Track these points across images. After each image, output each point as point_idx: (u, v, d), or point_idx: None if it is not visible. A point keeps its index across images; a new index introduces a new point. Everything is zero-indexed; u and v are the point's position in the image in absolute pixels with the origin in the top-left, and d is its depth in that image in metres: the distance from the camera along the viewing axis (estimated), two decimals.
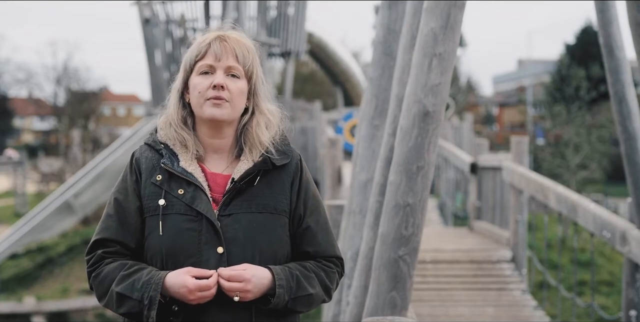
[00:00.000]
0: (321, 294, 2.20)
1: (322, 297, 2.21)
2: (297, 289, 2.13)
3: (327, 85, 40.47)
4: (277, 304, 2.09)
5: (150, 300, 2.03)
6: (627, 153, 5.28)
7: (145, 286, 2.05)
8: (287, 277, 2.12)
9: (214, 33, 2.22)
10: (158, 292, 2.03)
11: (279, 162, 2.21)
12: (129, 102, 65.63)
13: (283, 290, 2.09)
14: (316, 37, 28.85)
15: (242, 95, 2.21)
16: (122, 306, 2.07)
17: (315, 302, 2.19)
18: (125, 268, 2.10)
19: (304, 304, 2.16)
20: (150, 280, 2.05)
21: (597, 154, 19.33)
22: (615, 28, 5.29)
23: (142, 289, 2.04)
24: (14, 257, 20.57)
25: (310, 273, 2.18)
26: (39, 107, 51.18)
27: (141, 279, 2.06)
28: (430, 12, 3.40)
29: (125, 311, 2.08)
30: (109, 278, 2.10)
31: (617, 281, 13.19)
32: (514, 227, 8.31)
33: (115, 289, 2.08)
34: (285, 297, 2.10)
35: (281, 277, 2.11)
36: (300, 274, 2.16)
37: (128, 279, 2.07)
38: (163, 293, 2.05)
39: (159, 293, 2.03)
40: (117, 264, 2.12)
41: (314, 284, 2.17)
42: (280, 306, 2.10)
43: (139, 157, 2.22)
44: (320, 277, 2.20)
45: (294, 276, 2.14)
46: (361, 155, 4.68)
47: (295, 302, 2.13)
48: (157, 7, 24.43)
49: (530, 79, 45.31)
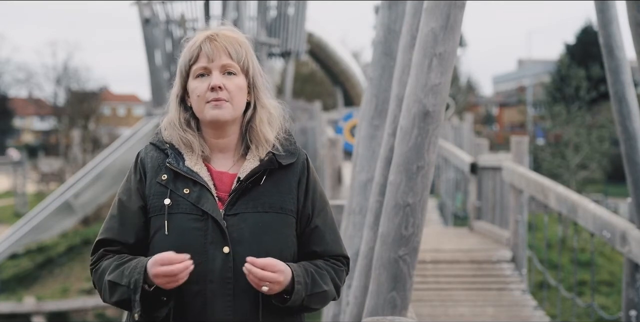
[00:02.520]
0: (333, 292, 2.20)
1: (333, 294, 2.21)
2: (313, 286, 2.13)
3: (327, 85, 40.45)
4: (294, 300, 2.08)
5: (135, 283, 2.03)
6: (627, 153, 5.28)
7: (132, 271, 2.05)
8: (303, 274, 2.11)
9: (203, 34, 2.21)
10: (141, 275, 2.02)
11: (285, 162, 2.20)
12: (129, 102, 65.62)
13: (301, 286, 2.09)
14: (316, 37, 28.85)
15: (241, 92, 2.19)
16: (114, 294, 2.08)
17: (328, 300, 2.19)
18: (119, 259, 2.12)
19: (318, 301, 2.15)
20: (136, 265, 2.06)
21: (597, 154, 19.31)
22: (615, 28, 5.29)
23: (129, 275, 2.05)
24: (14, 257, 20.56)
25: (323, 271, 2.18)
26: (39, 107, 51.17)
27: (130, 266, 2.07)
28: (430, 12, 3.40)
29: (117, 299, 2.08)
30: (105, 271, 2.12)
31: (617, 281, 13.19)
32: (514, 227, 8.31)
33: (107, 278, 2.09)
34: (303, 293, 2.09)
35: (299, 273, 2.10)
36: (315, 271, 2.16)
37: (119, 268, 2.08)
38: (149, 280, 2.03)
39: (142, 276, 2.02)
40: (114, 257, 2.14)
41: (327, 281, 2.18)
42: (297, 303, 2.09)
43: (144, 157, 2.22)
44: (331, 275, 2.20)
45: (309, 272, 2.14)
46: (361, 155, 4.68)
47: (311, 299, 2.12)
48: (157, 7, 24.42)
49: (530, 79, 45.31)
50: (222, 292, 2.08)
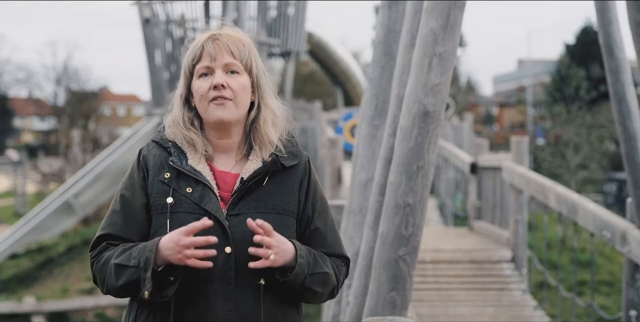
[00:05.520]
0: (334, 278, 2.19)
1: (334, 282, 2.20)
2: (315, 266, 2.13)
3: (327, 85, 40.44)
4: (297, 275, 2.08)
5: (146, 261, 2.02)
6: (627, 153, 5.28)
7: (141, 251, 2.05)
8: (306, 253, 2.12)
9: (206, 34, 2.22)
10: (153, 253, 2.02)
11: (287, 163, 2.21)
12: (129, 102, 65.59)
13: (303, 261, 2.09)
14: (316, 37, 28.84)
15: (245, 91, 2.19)
16: (121, 277, 2.06)
17: (329, 284, 2.18)
18: (124, 245, 2.11)
19: (320, 282, 2.15)
20: (146, 245, 2.06)
21: (597, 154, 19.32)
22: (615, 28, 5.29)
23: (138, 255, 2.04)
24: (14, 257, 20.54)
25: (324, 256, 2.20)
26: (39, 107, 51.18)
27: (138, 248, 2.07)
28: (430, 12, 3.40)
29: (124, 281, 2.06)
30: (110, 258, 2.10)
31: (617, 281, 13.19)
32: (514, 227, 8.30)
33: (113, 261, 2.08)
34: (305, 269, 2.09)
35: (302, 248, 2.11)
36: (317, 254, 2.17)
37: (127, 251, 2.08)
38: (159, 260, 2.03)
39: (153, 254, 2.02)
40: (119, 246, 2.13)
41: (328, 265, 2.19)
42: (299, 279, 2.09)
43: (146, 155, 2.22)
44: (332, 264, 2.21)
45: (311, 252, 2.15)
46: (361, 155, 4.68)
47: (313, 278, 2.12)
48: (157, 7, 24.41)
49: (530, 79, 45.31)
50: (223, 292, 2.08)
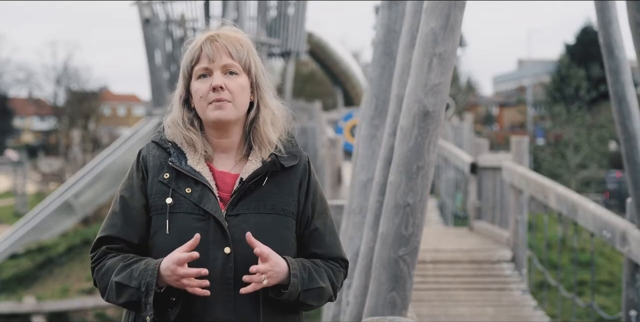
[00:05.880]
0: (329, 290, 2.19)
1: (330, 293, 2.20)
2: (309, 281, 2.12)
3: (327, 85, 40.44)
4: (290, 294, 2.08)
5: (147, 286, 2.02)
6: (627, 153, 5.27)
7: (142, 273, 2.04)
8: (300, 269, 2.11)
9: (204, 35, 2.21)
10: (154, 278, 2.02)
11: (287, 164, 2.20)
12: (129, 102, 65.58)
13: (297, 279, 2.08)
14: (316, 37, 28.84)
15: (244, 92, 2.19)
16: (122, 296, 2.07)
17: (324, 297, 2.19)
18: (126, 259, 2.10)
19: (314, 297, 2.14)
20: (147, 267, 2.05)
21: (597, 154, 19.32)
22: (615, 28, 5.29)
23: (139, 277, 2.04)
24: (14, 257, 20.54)
25: (320, 268, 2.18)
26: (39, 107, 51.17)
27: (139, 267, 2.06)
28: (430, 12, 3.40)
29: (125, 301, 2.07)
30: (110, 270, 2.10)
31: (617, 281, 13.18)
32: (514, 227, 8.30)
33: (114, 279, 2.08)
34: (299, 288, 2.09)
35: (295, 267, 2.10)
36: (312, 268, 2.16)
37: (127, 269, 2.07)
38: (160, 282, 2.04)
39: (154, 279, 2.02)
40: (119, 257, 2.12)
41: (324, 278, 2.17)
42: (293, 297, 2.09)
43: (145, 155, 2.21)
44: (329, 274, 2.20)
45: (306, 268, 2.14)
46: (361, 155, 4.68)
47: (307, 294, 2.12)
48: (157, 7, 24.42)
49: (530, 79, 45.30)
50: (222, 292, 2.08)
